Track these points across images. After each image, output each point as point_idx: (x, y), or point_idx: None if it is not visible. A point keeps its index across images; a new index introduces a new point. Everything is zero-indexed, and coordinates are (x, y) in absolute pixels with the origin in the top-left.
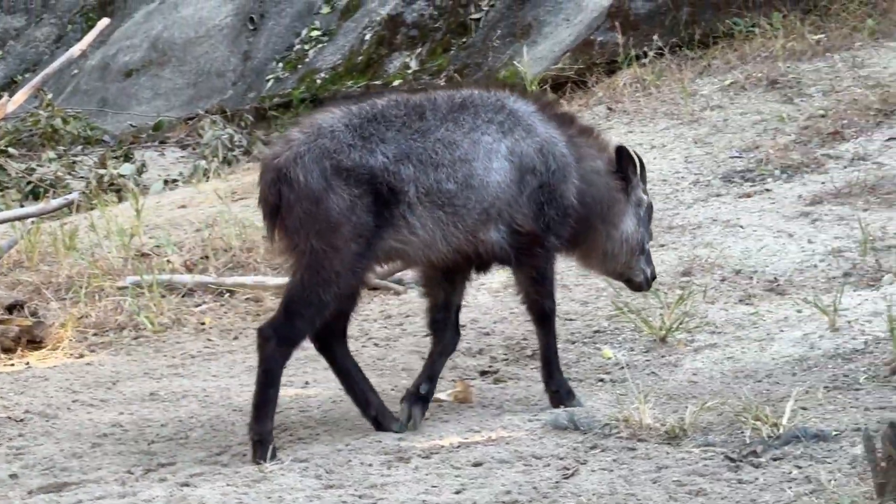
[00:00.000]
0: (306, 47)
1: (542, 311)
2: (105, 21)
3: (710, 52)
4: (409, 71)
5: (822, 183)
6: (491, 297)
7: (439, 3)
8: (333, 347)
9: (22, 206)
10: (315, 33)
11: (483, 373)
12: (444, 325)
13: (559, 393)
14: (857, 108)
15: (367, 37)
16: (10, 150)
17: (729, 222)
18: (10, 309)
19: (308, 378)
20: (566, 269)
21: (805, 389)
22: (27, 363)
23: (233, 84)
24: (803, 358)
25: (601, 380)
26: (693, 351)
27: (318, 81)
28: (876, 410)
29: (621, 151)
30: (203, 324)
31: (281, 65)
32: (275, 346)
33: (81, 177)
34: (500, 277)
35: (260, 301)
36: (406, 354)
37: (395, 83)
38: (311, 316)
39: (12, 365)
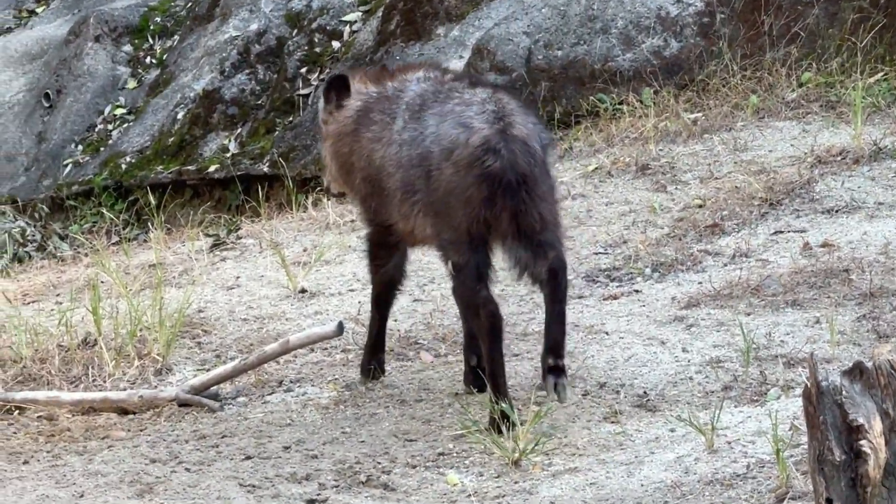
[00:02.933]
0: (109, 127)
1: None
2: None
3: (571, 132)
4: (228, 154)
5: (699, 283)
6: (319, 414)
7: (262, 77)
8: None
9: None
10: (120, 111)
11: (310, 501)
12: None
13: None
14: (739, 196)
15: (180, 115)
16: None
17: (593, 328)
18: None
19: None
20: (405, 382)
21: None
22: None
23: (25, 170)
24: (677, 484)
25: None
26: (551, 476)
27: (124, 166)
28: None
29: None
30: None
31: (80, 147)
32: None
33: None
34: (329, 393)
35: (54, 419)
36: (222, 481)
37: (212, 168)
38: None
39: None
